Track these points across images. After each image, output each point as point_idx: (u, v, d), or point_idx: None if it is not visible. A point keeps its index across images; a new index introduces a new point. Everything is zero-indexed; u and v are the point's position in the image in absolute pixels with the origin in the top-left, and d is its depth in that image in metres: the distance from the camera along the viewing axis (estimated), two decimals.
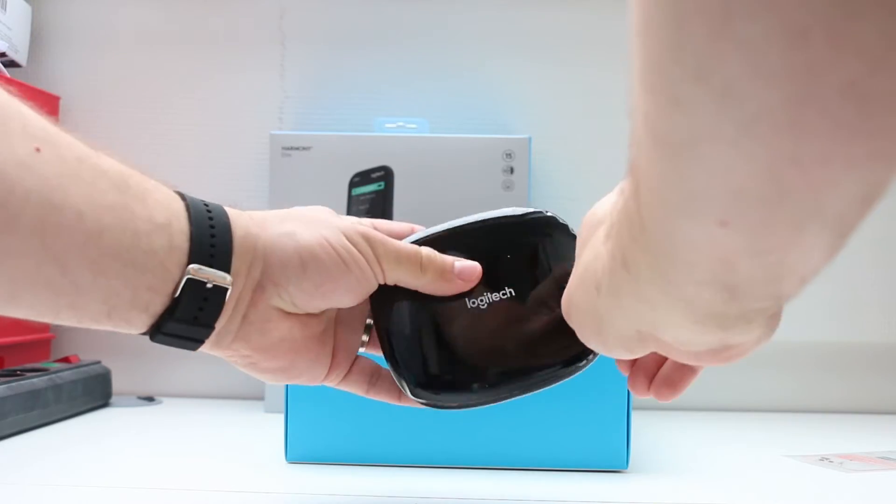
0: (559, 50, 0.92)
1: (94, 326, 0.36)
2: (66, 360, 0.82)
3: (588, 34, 0.92)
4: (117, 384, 0.84)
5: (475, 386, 0.42)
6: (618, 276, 0.29)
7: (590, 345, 0.36)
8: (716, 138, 0.20)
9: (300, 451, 0.58)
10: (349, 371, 0.44)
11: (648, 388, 0.40)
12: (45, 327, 0.89)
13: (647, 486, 0.55)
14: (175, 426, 0.75)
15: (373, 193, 0.81)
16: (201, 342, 0.38)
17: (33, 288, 0.32)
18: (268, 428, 0.72)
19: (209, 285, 0.36)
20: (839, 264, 0.87)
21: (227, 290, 0.37)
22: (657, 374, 0.40)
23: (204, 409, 0.83)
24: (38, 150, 0.32)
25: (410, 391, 0.42)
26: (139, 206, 0.35)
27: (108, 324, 0.36)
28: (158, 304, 0.36)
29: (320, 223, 0.40)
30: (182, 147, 0.92)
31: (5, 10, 0.85)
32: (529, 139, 0.82)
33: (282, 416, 0.58)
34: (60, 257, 0.32)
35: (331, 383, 0.44)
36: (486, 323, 0.42)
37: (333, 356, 0.43)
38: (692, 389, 0.41)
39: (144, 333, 0.38)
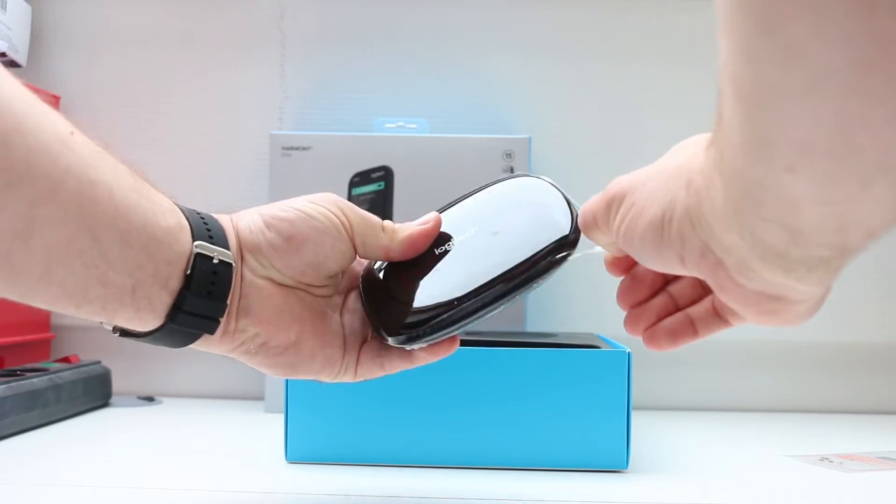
0: (559, 50, 0.92)
1: (116, 314, 0.37)
2: (66, 360, 0.82)
3: (588, 34, 0.92)
4: (117, 384, 0.84)
5: (455, 303, 0.42)
6: (711, 180, 0.29)
7: (642, 242, 0.34)
8: (783, 92, 0.21)
9: (300, 451, 0.58)
10: (359, 356, 0.44)
11: (645, 330, 0.40)
12: (45, 327, 0.89)
13: (647, 486, 0.55)
14: (175, 426, 0.75)
15: (373, 193, 0.81)
16: (217, 321, 0.40)
17: (66, 259, 0.34)
18: (268, 428, 0.72)
19: (215, 260, 0.39)
20: None
21: (231, 265, 0.39)
22: (658, 322, 0.40)
23: (204, 409, 0.83)
24: (72, 133, 0.34)
25: (390, 340, 0.43)
26: (151, 192, 0.38)
27: (132, 305, 0.37)
28: (176, 279, 0.38)
29: (288, 199, 0.43)
30: (182, 147, 0.92)
31: (5, 10, 0.85)
32: (529, 139, 0.82)
33: (282, 416, 0.58)
34: (94, 228, 0.34)
35: (347, 373, 0.44)
36: (456, 256, 0.44)
37: (344, 341, 0.44)
38: (692, 389, 0.41)
39: (161, 327, 0.38)
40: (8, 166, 0.31)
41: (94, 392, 0.79)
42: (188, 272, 0.38)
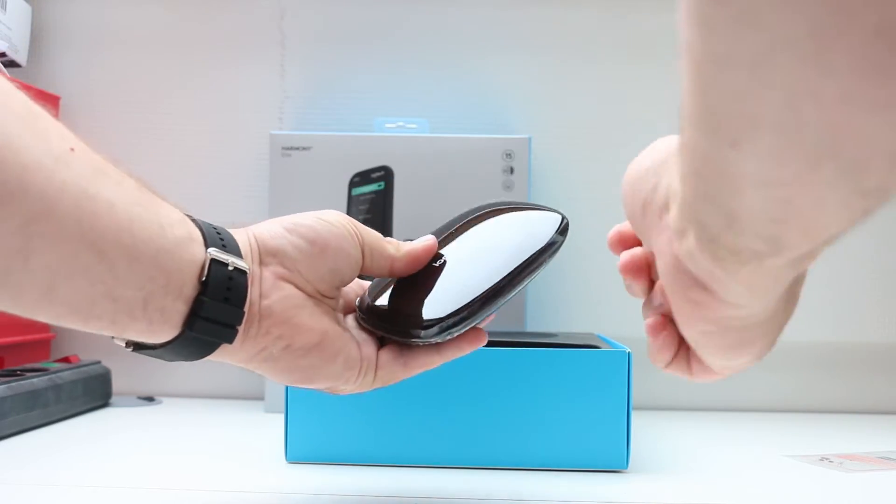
0: (559, 50, 0.92)
1: (127, 328, 0.37)
2: (66, 360, 0.82)
3: (589, 34, 0.92)
4: (117, 384, 0.84)
5: (484, 286, 0.44)
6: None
7: (627, 180, 0.36)
8: (732, 61, 0.20)
9: (300, 451, 0.58)
10: (378, 363, 0.44)
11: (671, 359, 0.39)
12: (45, 327, 0.89)
13: (647, 486, 0.55)
14: (175, 426, 0.75)
15: (373, 193, 0.81)
16: (235, 329, 0.39)
17: (71, 277, 0.33)
18: (268, 428, 0.72)
19: (230, 267, 0.39)
20: (839, 264, 0.88)
21: (246, 272, 0.39)
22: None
23: (204, 409, 0.83)
24: (72, 149, 0.34)
25: (420, 336, 0.43)
26: (158, 204, 0.38)
27: (143, 318, 0.36)
28: (191, 286, 0.38)
29: (297, 214, 0.44)
30: (182, 147, 0.92)
31: (5, 10, 0.85)
32: (529, 139, 0.82)
33: (282, 416, 0.58)
34: (97, 243, 0.34)
35: (366, 379, 0.44)
36: (463, 258, 0.46)
37: (357, 345, 0.44)
38: (692, 389, 0.41)
39: (179, 335, 0.38)
40: (0, 182, 0.31)
41: (94, 392, 0.79)
42: (203, 279, 0.38)
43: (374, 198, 0.81)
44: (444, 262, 0.46)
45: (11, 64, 0.87)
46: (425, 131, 0.85)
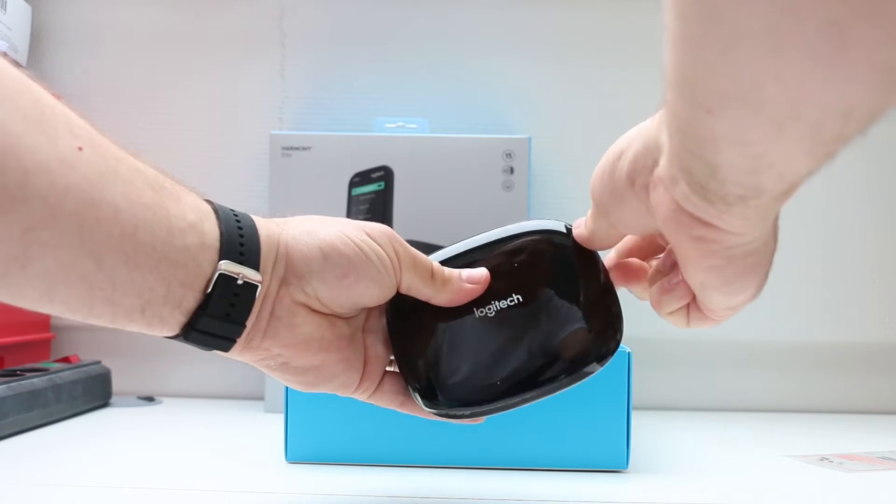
0: (559, 49, 0.92)
1: (126, 326, 0.36)
2: (66, 360, 0.82)
3: (588, 34, 0.92)
4: (117, 384, 0.84)
5: (486, 395, 0.42)
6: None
7: (598, 172, 0.38)
8: (705, 46, 0.23)
9: (300, 451, 0.58)
10: (380, 383, 0.44)
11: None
12: (45, 327, 0.89)
13: (647, 486, 0.55)
14: (175, 426, 0.75)
15: (373, 193, 0.81)
16: (233, 341, 0.39)
17: (69, 282, 0.33)
18: (268, 428, 0.72)
19: (240, 282, 0.37)
20: (839, 264, 0.87)
21: (256, 287, 0.38)
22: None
23: (204, 409, 0.83)
24: (80, 149, 0.33)
25: (422, 403, 0.43)
26: (173, 205, 0.36)
27: (142, 321, 0.36)
28: (191, 299, 0.37)
29: (340, 222, 0.42)
30: (182, 147, 0.92)
31: (5, 10, 0.85)
32: (529, 139, 0.82)
33: (282, 416, 0.58)
34: (97, 251, 0.33)
35: (363, 395, 0.44)
36: (494, 330, 0.43)
37: (365, 364, 0.43)
38: (692, 389, 0.41)
39: (176, 336, 0.38)
40: (1, 188, 0.30)
41: (94, 392, 0.79)
42: (208, 291, 0.37)
43: (374, 198, 0.81)
44: (486, 316, 0.43)
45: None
46: (425, 131, 0.85)
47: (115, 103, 0.93)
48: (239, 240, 0.38)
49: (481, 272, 0.43)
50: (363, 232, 0.41)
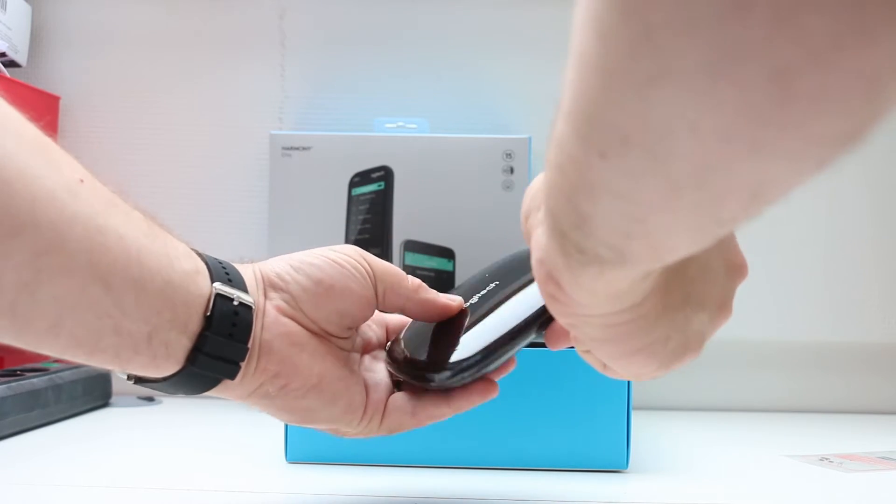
0: (559, 49, 0.92)
1: (130, 363, 0.36)
2: (65, 360, 0.82)
3: None
4: (117, 384, 0.84)
5: (499, 333, 0.43)
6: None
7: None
8: (621, 79, 0.19)
9: (300, 451, 0.58)
10: (385, 409, 0.44)
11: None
12: None
13: (647, 486, 0.55)
14: (175, 426, 0.75)
15: (373, 193, 0.81)
16: (238, 366, 0.39)
17: (78, 309, 0.33)
18: (268, 428, 0.72)
19: (235, 302, 0.38)
20: (839, 264, 0.88)
21: (251, 307, 0.39)
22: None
23: (204, 409, 0.83)
24: (81, 181, 0.34)
25: (442, 375, 0.43)
26: (166, 237, 0.38)
27: (148, 352, 0.36)
28: (195, 322, 0.37)
29: (305, 252, 0.43)
30: (182, 147, 0.92)
31: (5, 10, 0.85)
32: (529, 139, 0.82)
33: None
34: (105, 276, 0.33)
35: (372, 426, 0.44)
36: (483, 306, 0.45)
37: (366, 389, 0.44)
38: (692, 389, 0.41)
39: (182, 369, 0.38)
40: (12, 214, 0.30)
41: (94, 392, 0.79)
42: (208, 314, 0.37)
43: (374, 198, 0.81)
44: (470, 303, 0.46)
45: (11, 64, 0.87)
46: (425, 131, 0.85)
47: (115, 103, 0.93)
48: (223, 269, 0.40)
49: (458, 299, 0.46)
50: (330, 250, 0.43)
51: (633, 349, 0.33)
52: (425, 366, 0.44)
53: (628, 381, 0.57)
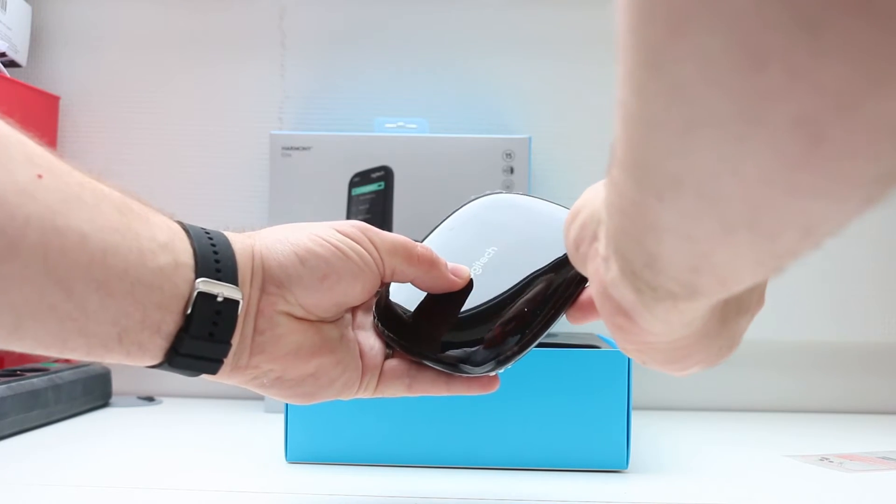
0: (559, 49, 0.92)
1: (105, 357, 0.35)
2: (65, 359, 0.82)
3: (588, 33, 0.92)
4: (117, 384, 0.84)
5: (526, 312, 0.42)
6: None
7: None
8: (662, 127, 0.20)
9: (300, 451, 0.58)
10: (382, 374, 0.43)
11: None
12: None
13: (647, 486, 0.55)
14: (175, 426, 0.75)
15: (373, 193, 0.81)
16: (220, 362, 0.38)
17: (38, 315, 0.32)
18: (268, 428, 0.72)
19: (220, 298, 0.36)
20: (839, 264, 0.88)
21: (237, 303, 0.37)
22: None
23: (204, 409, 0.83)
24: (39, 176, 0.32)
25: (482, 368, 0.42)
26: (142, 227, 0.35)
27: (120, 350, 0.35)
28: (171, 322, 0.36)
29: (310, 226, 0.41)
30: (182, 147, 0.92)
31: (5, 10, 0.85)
32: (529, 139, 0.82)
33: (282, 416, 0.58)
34: (65, 281, 0.32)
35: (367, 391, 0.43)
36: (483, 282, 0.44)
37: (362, 357, 0.43)
38: (692, 389, 0.42)
39: (160, 364, 0.37)
40: None
41: (94, 392, 0.79)
42: (188, 312, 0.36)
43: (374, 198, 0.81)
44: (481, 286, 0.43)
45: (11, 64, 0.87)
46: (425, 131, 0.85)
47: (114, 103, 0.93)
48: (213, 257, 0.37)
49: (466, 271, 0.44)
50: (334, 230, 0.41)
51: (693, 363, 0.34)
52: (458, 358, 0.42)
53: (628, 382, 0.57)
